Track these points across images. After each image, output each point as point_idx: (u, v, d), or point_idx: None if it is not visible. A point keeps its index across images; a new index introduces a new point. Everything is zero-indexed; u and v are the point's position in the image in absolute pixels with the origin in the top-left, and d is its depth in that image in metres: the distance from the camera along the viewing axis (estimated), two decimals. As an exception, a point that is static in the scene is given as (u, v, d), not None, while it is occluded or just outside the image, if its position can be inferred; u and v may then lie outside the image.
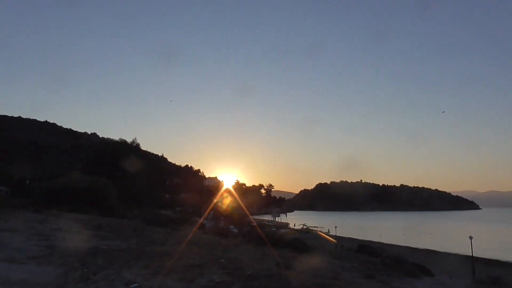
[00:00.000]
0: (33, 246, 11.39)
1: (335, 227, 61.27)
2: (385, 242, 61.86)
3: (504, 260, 47.94)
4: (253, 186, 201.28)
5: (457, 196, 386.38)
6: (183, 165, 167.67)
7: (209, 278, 8.46)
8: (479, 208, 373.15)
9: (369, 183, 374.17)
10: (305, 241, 28.21)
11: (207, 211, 66.70)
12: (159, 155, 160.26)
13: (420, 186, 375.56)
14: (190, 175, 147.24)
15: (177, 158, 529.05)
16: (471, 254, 38.46)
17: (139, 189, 65.21)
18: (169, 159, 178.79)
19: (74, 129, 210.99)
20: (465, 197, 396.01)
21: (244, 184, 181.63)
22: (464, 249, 56.44)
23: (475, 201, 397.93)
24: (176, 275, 8.65)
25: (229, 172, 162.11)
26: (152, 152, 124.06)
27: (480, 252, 39.76)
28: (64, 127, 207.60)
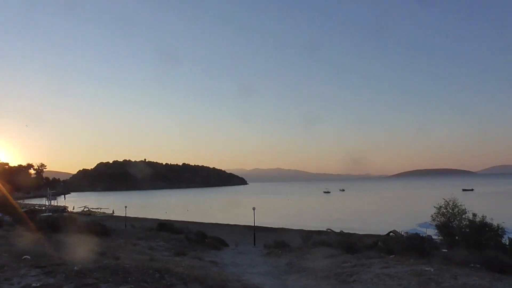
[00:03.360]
0: None
1: (125, 207, 58.59)
2: (172, 219, 63.12)
3: (274, 226, 56.08)
4: (20, 166, 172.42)
5: (230, 173, 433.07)
6: None
7: (22, 283, 6.08)
8: (246, 183, 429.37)
9: (153, 162, 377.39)
10: (103, 223, 25.50)
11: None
12: None
13: (200, 164, 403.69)
14: None
15: None
16: (251, 224, 43.13)
17: None
18: None
19: None
20: (236, 174, 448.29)
21: (8, 164, 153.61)
22: (240, 220, 63.46)
23: (244, 177, 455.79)
24: (-37, 286, 5.86)
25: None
26: None
27: (251, 220, 45.00)
28: None
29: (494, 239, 20.21)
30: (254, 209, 42.19)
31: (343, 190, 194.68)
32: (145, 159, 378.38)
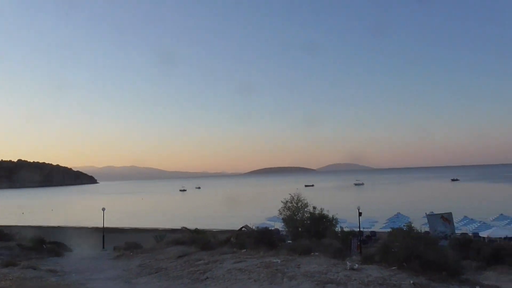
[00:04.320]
0: None
1: None
2: (2, 224, 54.66)
3: (126, 227, 53.24)
4: None
5: (77, 171, 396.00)
6: None
7: None
8: (97, 182, 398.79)
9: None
10: None
11: None
12: None
13: (40, 161, 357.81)
14: None
15: None
16: (100, 225, 40.01)
17: None
18: None
19: None
20: (85, 172, 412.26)
21: None
22: (87, 222, 58.38)
23: (94, 176, 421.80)
24: None
25: None
26: None
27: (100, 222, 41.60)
28: None
29: (330, 228, 23.04)
30: (103, 209, 39.22)
31: (199, 187, 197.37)
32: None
